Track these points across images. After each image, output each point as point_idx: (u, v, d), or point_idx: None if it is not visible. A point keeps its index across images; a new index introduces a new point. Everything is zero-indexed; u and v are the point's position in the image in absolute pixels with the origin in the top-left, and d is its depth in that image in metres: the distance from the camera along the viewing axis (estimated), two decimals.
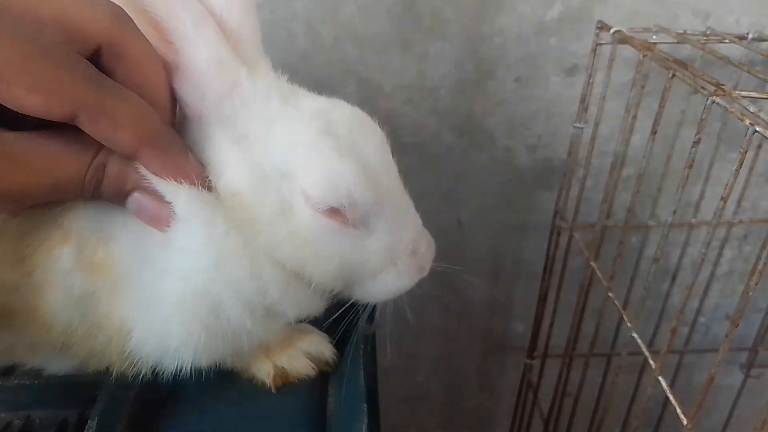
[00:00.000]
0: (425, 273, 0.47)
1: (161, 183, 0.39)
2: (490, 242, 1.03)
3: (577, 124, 0.81)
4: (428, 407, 1.24)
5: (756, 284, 0.49)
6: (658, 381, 0.63)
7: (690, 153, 0.59)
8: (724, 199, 0.54)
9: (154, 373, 0.44)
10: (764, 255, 0.48)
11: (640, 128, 0.75)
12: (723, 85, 0.54)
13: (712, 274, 1.02)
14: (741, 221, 0.96)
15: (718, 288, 1.08)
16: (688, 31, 0.76)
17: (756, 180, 0.96)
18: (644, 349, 0.67)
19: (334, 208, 0.41)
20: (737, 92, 0.53)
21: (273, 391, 0.50)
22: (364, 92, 0.87)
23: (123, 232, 0.41)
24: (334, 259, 0.42)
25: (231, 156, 0.41)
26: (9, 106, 0.32)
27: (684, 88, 0.76)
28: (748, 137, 0.50)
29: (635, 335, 0.69)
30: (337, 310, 0.48)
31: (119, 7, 0.36)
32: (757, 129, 0.49)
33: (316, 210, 0.41)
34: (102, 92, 0.34)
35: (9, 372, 0.50)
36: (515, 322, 1.13)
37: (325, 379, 0.52)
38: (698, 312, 1.05)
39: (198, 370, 0.44)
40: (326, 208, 0.41)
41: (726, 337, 0.53)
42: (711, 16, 0.85)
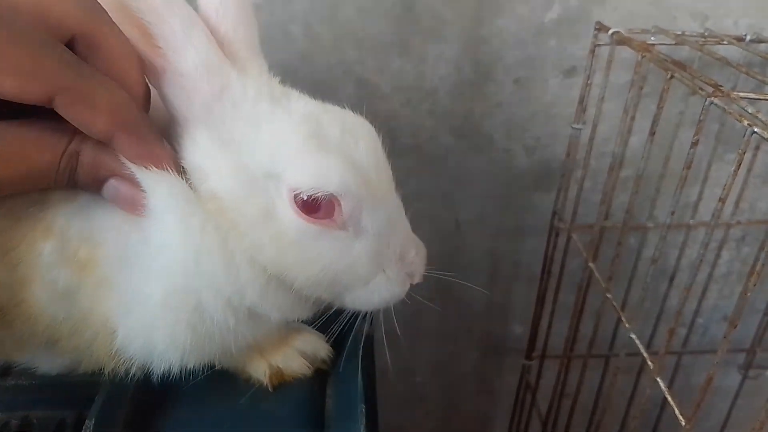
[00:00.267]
0: (416, 280, 0.46)
1: (139, 173, 0.39)
2: (489, 243, 1.03)
3: (576, 125, 0.81)
4: (426, 408, 1.24)
5: (754, 285, 0.49)
6: (656, 382, 0.63)
7: (688, 154, 0.59)
8: (723, 200, 0.54)
9: (145, 374, 0.44)
10: (762, 256, 0.48)
11: (639, 129, 0.75)
12: (721, 86, 0.54)
13: (710, 275, 1.02)
14: (739, 222, 0.96)
15: (716, 289, 1.08)
16: (686, 33, 0.76)
17: (754, 181, 0.96)
18: (642, 350, 0.67)
19: (322, 203, 0.40)
20: (735, 93, 0.53)
21: (270, 390, 0.49)
22: (363, 93, 0.87)
23: (106, 230, 0.41)
24: (318, 264, 0.42)
25: (216, 159, 0.41)
26: None
27: (682, 89, 0.76)
28: (746, 138, 0.50)
29: (633, 336, 0.69)
30: (332, 308, 0.48)
31: (98, 3, 0.37)
32: (755, 130, 0.49)
33: (302, 210, 0.40)
34: (79, 76, 0.35)
35: (6, 372, 0.50)
36: (513, 323, 1.13)
37: (323, 379, 0.52)
38: (696, 313, 1.06)
39: (191, 371, 0.44)
40: (314, 204, 0.40)
41: (724, 338, 0.53)
42: (709, 17, 0.85)
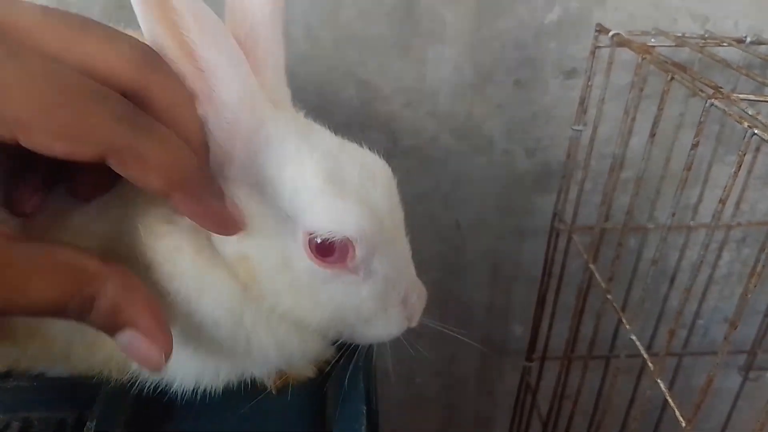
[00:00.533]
0: (414, 324, 0.46)
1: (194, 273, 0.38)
2: (489, 245, 1.03)
3: (576, 127, 0.82)
4: (427, 410, 1.24)
5: (754, 287, 0.49)
6: (656, 383, 0.63)
7: (689, 155, 0.59)
8: (723, 202, 0.54)
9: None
10: (763, 257, 0.48)
11: (639, 131, 0.75)
12: (721, 87, 0.54)
13: (710, 277, 1.02)
14: (739, 224, 0.96)
15: (716, 290, 1.08)
16: (686, 35, 0.76)
17: (754, 182, 0.96)
18: (643, 352, 0.67)
19: (337, 247, 0.39)
20: (735, 95, 0.53)
21: (273, 392, 0.50)
22: (364, 95, 0.87)
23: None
24: (328, 307, 0.41)
25: (247, 211, 0.39)
26: (34, 150, 0.30)
27: (682, 90, 0.76)
28: (746, 140, 0.50)
29: (634, 337, 0.69)
30: None
31: (149, 50, 0.34)
32: (756, 131, 0.49)
33: (316, 253, 0.39)
34: (132, 132, 0.32)
35: (7, 374, 0.50)
36: (514, 325, 1.13)
37: (324, 380, 0.52)
38: (697, 314, 1.06)
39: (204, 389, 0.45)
40: (328, 248, 0.39)
41: (725, 339, 0.53)
42: (709, 19, 0.85)
